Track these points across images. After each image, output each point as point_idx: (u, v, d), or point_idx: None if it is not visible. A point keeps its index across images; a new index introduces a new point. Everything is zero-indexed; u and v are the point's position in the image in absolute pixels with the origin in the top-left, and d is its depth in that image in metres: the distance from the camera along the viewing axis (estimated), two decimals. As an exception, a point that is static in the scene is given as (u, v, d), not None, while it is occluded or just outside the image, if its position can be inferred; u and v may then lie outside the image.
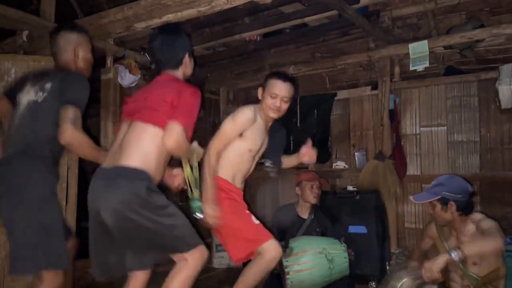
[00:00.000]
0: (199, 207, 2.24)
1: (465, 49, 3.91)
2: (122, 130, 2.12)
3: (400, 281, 2.61)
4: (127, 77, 3.90)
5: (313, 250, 2.92)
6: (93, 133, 3.85)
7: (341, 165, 4.60)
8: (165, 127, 1.95)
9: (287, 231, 3.37)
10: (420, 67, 3.89)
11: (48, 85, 2.18)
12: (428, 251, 2.77)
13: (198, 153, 2.24)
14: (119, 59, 3.96)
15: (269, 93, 2.45)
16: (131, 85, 3.94)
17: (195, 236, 2.03)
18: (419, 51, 3.78)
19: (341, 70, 4.65)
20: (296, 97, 2.63)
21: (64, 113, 2.05)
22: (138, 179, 1.92)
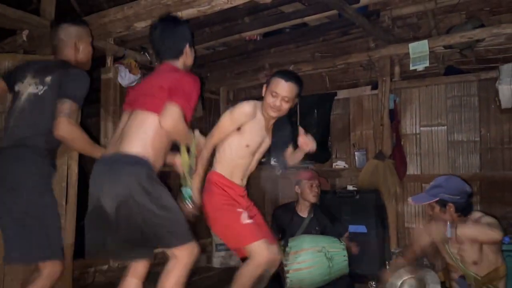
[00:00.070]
0: (190, 196, 2.23)
1: (465, 48, 3.91)
2: (123, 119, 2.14)
3: (400, 279, 2.62)
4: (127, 77, 3.90)
5: (313, 248, 2.93)
6: (93, 132, 3.86)
7: (341, 164, 4.60)
8: (160, 112, 1.95)
9: (286, 230, 3.37)
10: (420, 67, 3.89)
11: (48, 79, 2.19)
12: (427, 250, 2.76)
13: (199, 142, 2.24)
14: (119, 59, 3.96)
15: (270, 91, 2.41)
16: (131, 85, 3.94)
17: (187, 232, 2.01)
18: (419, 51, 3.78)
19: (341, 69, 4.65)
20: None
21: (60, 107, 2.06)
22: (139, 165, 1.93)
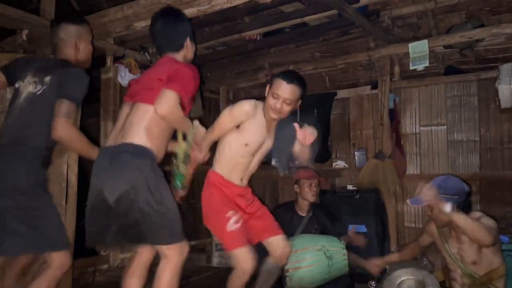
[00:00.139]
0: (181, 182, 2.22)
1: (465, 48, 3.92)
2: (124, 111, 2.14)
3: (399, 279, 2.63)
4: (127, 77, 3.90)
5: (312, 247, 2.92)
6: (93, 132, 3.86)
7: (341, 164, 4.60)
8: None
9: (286, 229, 3.37)
10: (420, 67, 3.89)
11: (47, 78, 2.19)
12: (426, 247, 2.77)
13: (198, 132, 2.21)
14: (119, 59, 3.96)
15: (272, 93, 2.38)
16: (131, 84, 3.94)
17: (180, 230, 2.02)
18: (419, 51, 3.78)
19: (341, 69, 4.65)
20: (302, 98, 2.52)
21: (58, 107, 2.07)
22: (143, 156, 1.95)
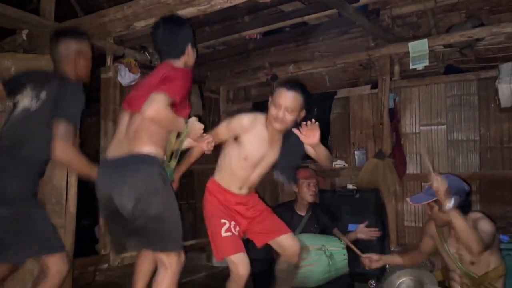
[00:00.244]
0: (170, 177, 2.20)
1: (465, 47, 3.91)
2: (123, 119, 2.14)
3: (399, 279, 2.63)
4: (127, 76, 3.91)
5: (312, 247, 2.93)
6: (93, 131, 3.87)
7: (341, 163, 4.60)
8: None
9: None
10: (420, 66, 3.89)
11: (43, 94, 2.18)
12: (430, 254, 2.75)
13: (195, 129, 2.17)
14: (118, 58, 3.96)
15: (273, 103, 2.34)
16: (131, 84, 3.94)
17: (180, 238, 2.07)
18: (419, 50, 3.78)
19: (341, 68, 4.65)
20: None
21: (56, 128, 2.08)
22: (149, 164, 1.98)
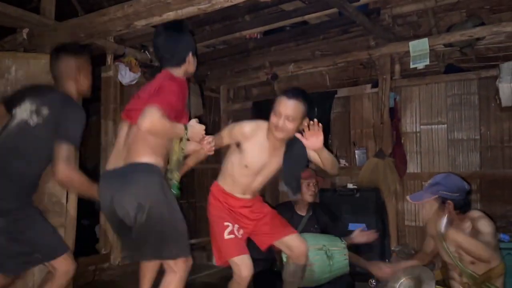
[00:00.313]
0: (176, 188, 2.19)
1: (466, 47, 3.91)
2: (123, 130, 2.14)
3: (398, 281, 2.63)
4: (127, 75, 3.91)
5: (313, 246, 2.92)
6: (94, 131, 3.87)
7: (341, 163, 4.60)
8: None
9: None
10: (420, 65, 3.89)
11: (45, 111, 2.16)
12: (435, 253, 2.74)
13: (196, 131, 2.16)
14: (119, 57, 3.97)
15: (274, 111, 2.31)
16: (131, 83, 3.94)
17: (187, 245, 2.08)
18: (420, 49, 3.78)
19: (341, 68, 4.65)
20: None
21: (59, 151, 2.07)
22: (153, 173, 1.98)
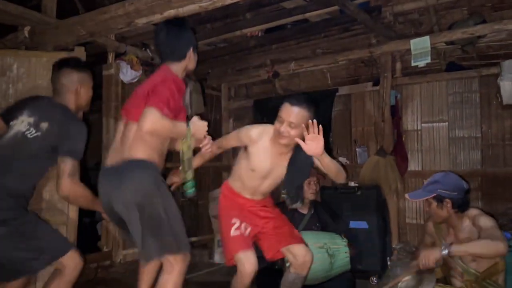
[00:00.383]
0: (192, 186, 2.20)
1: (467, 45, 3.91)
2: (120, 127, 2.15)
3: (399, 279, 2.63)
4: (128, 73, 3.91)
5: (314, 245, 2.92)
6: (95, 129, 3.87)
7: (342, 161, 4.59)
8: None
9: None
10: (421, 63, 3.89)
11: (44, 125, 2.14)
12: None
13: (197, 128, 2.16)
14: (120, 55, 3.97)
15: (278, 117, 2.33)
16: (132, 81, 3.95)
17: (185, 240, 2.07)
18: (421, 47, 3.78)
19: (342, 66, 4.65)
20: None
21: (63, 166, 2.08)
22: (148, 169, 1.99)
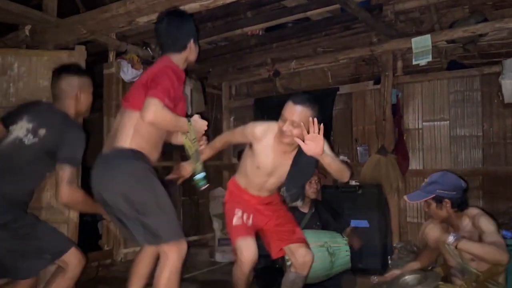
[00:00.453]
0: (203, 178, 2.20)
1: (468, 43, 3.90)
2: (118, 117, 2.17)
3: (402, 276, 2.63)
4: (129, 72, 3.91)
5: (315, 243, 2.92)
6: (96, 128, 3.87)
7: (343, 159, 4.59)
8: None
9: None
10: (423, 62, 3.89)
11: (42, 131, 2.14)
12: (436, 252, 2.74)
13: (198, 125, 2.18)
14: (121, 54, 3.97)
15: (281, 115, 2.32)
16: (133, 80, 3.94)
17: (177, 228, 2.06)
18: (422, 46, 3.77)
19: (343, 64, 4.64)
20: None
21: (61, 173, 2.08)
22: (133, 158, 1.99)
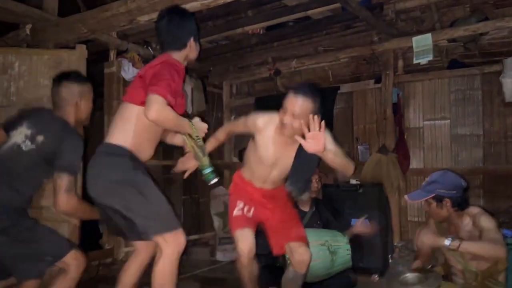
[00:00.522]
0: (212, 172, 2.17)
1: (469, 42, 3.90)
2: (117, 112, 2.18)
3: (401, 276, 2.62)
4: (130, 71, 3.91)
5: (316, 242, 2.92)
6: (97, 127, 3.87)
7: (345, 156, 4.59)
8: (142, 102, 1.94)
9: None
10: (423, 61, 3.89)
11: (40, 138, 2.14)
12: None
13: (199, 127, 2.19)
14: (122, 53, 3.97)
15: (282, 107, 2.31)
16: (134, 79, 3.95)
17: (170, 220, 2.03)
18: (423, 44, 3.77)
19: (344, 63, 4.64)
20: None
21: (59, 182, 2.08)
22: (115, 155, 2.00)
